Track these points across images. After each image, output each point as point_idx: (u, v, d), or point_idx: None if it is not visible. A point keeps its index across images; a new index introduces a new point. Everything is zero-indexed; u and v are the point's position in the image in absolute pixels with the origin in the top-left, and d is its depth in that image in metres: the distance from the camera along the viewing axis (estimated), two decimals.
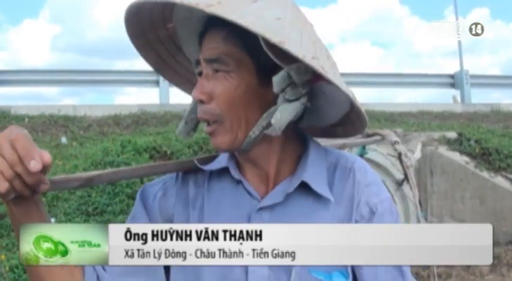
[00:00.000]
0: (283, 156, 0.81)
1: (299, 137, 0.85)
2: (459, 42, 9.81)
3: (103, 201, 4.39)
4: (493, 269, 4.98)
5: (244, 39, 0.74)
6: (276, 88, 0.72)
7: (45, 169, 0.63)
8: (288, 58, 0.69)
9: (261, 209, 0.77)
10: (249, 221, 0.76)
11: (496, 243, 1.11)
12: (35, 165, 0.60)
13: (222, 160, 0.83)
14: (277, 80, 0.72)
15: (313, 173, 0.79)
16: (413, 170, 2.65)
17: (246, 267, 0.75)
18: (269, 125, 0.74)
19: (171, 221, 0.81)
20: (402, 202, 6.29)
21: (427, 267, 5.54)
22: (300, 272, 0.74)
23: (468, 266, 5.11)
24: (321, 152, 0.84)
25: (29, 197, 0.66)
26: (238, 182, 0.80)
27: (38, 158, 0.60)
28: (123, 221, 0.86)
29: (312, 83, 0.76)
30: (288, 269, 0.75)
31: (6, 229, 3.93)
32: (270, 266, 0.74)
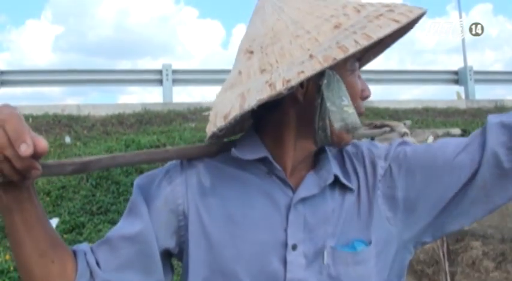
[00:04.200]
0: None
1: None
2: (463, 39, 9.79)
3: (107, 200, 4.40)
4: (498, 266, 4.96)
5: None
6: None
7: (38, 155, 0.57)
8: None
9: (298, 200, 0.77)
10: (288, 211, 0.76)
11: (501, 240, 1.10)
12: (25, 149, 0.54)
13: (254, 150, 0.79)
14: None
15: (336, 166, 0.82)
16: None
17: (284, 258, 0.74)
18: None
19: (178, 211, 0.78)
20: None
21: (433, 265, 5.52)
22: (331, 252, 0.76)
23: (473, 263, 5.09)
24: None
25: (19, 183, 0.61)
26: (269, 172, 0.79)
27: (29, 141, 0.55)
28: None
29: None
30: (319, 252, 0.76)
31: None
32: (305, 254, 0.75)
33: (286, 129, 0.78)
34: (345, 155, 0.85)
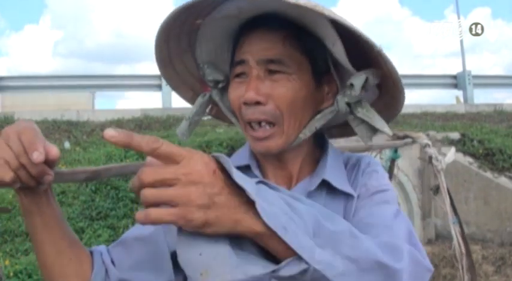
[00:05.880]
0: (307, 157, 0.84)
1: (318, 140, 0.88)
2: (461, 42, 9.83)
3: (107, 205, 4.40)
4: (498, 270, 4.96)
5: (304, 43, 0.78)
6: (357, 91, 0.76)
7: (51, 162, 0.65)
8: (358, 64, 0.76)
9: None
10: None
11: (500, 244, 1.10)
12: (37, 156, 0.61)
13: (241, 157, 0.82)
14: (358, 82, 0.76)
15: (333, 172, 0.81)
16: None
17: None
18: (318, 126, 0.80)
19: None
20: (406, 203, 6.27)
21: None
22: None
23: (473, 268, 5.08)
24: (337, 153, 0.86)
25: (35, 187, 0.68)
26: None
27: (41, 149, 0.62)
28: (126, 226, 0.84)
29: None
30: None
31: (9, 235, 3.94)
32: None
33: None
34: (360, 168, 0.84)
